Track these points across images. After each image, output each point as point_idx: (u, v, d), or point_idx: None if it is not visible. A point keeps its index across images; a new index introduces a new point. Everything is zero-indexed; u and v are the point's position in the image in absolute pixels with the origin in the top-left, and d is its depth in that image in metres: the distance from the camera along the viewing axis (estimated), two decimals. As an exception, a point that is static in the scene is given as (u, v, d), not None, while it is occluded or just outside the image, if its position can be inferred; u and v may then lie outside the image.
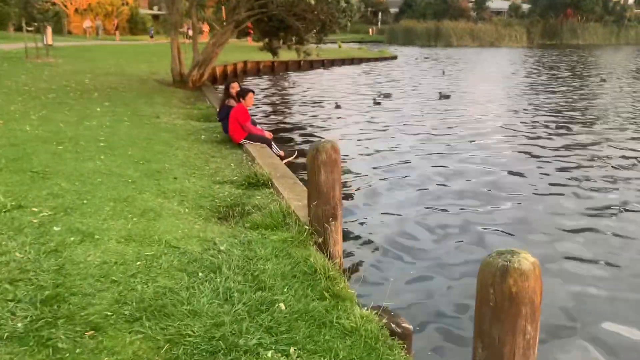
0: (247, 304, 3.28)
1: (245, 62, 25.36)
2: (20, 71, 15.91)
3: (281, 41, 16.44)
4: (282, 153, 8.24)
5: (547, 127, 12.97)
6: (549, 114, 15.14)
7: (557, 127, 12.90)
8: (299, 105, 16.60)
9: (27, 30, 19.83)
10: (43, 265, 3.59)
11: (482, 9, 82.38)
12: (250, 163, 7.06)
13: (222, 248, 4.10)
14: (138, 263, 3.76)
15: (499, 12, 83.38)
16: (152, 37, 46.99)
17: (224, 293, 3.41)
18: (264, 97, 18.23)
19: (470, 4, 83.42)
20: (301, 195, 5.50)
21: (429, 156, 9.88)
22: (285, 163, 8.14)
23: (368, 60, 35.84)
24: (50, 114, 9.18)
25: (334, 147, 4.38)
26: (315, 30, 14.73)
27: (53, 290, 3.28)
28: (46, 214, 4.50)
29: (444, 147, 10.56)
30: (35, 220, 4.33)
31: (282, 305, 3.27)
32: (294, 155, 8.52)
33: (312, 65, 29.77)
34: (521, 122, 13.63)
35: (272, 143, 8.14)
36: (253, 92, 8.01)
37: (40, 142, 6.91)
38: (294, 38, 15.82)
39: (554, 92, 20.51)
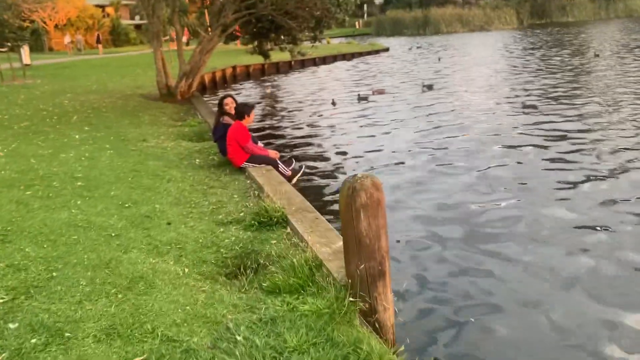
0: None
1: (234, 67, 24.23)
2: (-5, 96, 14.76)
3: (272, 42, 15.30)
4: (289, 172, 7.17)
5: (551, 108, 11.91)
6: (549, 94, 14.29)
7: (561, 107, 11.91)
8: (295, 107, 15.72)
9: (0, 52, 18.63)
10: (-13, 400, 2.50)
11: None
12: (257, 192, 5.96)
13: (239, 337, 3.01)
14: (124, 378, 2.67)
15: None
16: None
17: None
18: (257, 102, 17.12)
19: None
20: (328, 236, 4.41)
21: (447, 157, 8.79)
22: (294, 183, 7.11)
23: (360, 54, 34.80)
24: (22, 146, 8.05)
25: (375, 183, 3.30)
26: (309, 28, 13.61)
27: None
28: (1, 300, 3.40)
29: (457, 147, 9.47)
30: (-16, 314, 3.23)
31: None
32: (301, 172, 7.44)
33: (303, 64, 28.70)
34: (525, 107, 12.57)
35: (279, 162, 7.05)
36: (253, 106, 6.90)
37: (4, 188, 5.78)
38: (285, 38, 14.69)
39: (552, 73, 19.55)
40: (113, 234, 4.55)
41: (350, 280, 3.39)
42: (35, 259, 4.00)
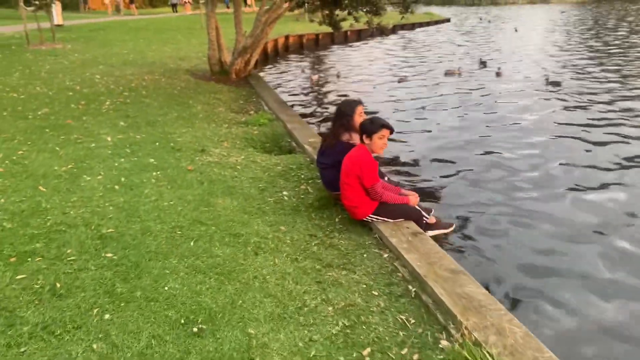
0: None
1: (286, 37, 21.47)
2: (16, 64, 12.47)
3: (346, 11, 12.46)
4: (432, 219, 4.60)
5: None
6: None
7: None
8: (361, 85, 13.55)
9: (26, 10, 16.27)
10: None
11: (525, -38, 76.11)
12: (411, 287, 3.39)
13: None
14: None
15: (542, -35, 77.03)
16: (228, 6, 38.89)
17: None
18: (308, 77, 14.46)
19: (512, -43, 77.19)
20: None
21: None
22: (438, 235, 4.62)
23: (420, 25, 31.53)
24: (32, 155, 5.64)
25: None
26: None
27: None
28: None
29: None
30: None
31: None
32: (452, 228, 4.83)
33: (359, 35, 25.73)
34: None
35: (421, 211, 4.46)
36: (389, 128, 4.23)
37: (-18, 262, 3.35)
38: (366, 7, 11.89)
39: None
40: None
41: None
42: None
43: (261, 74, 14.50)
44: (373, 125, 4.18)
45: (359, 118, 4.58)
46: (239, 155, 6.01)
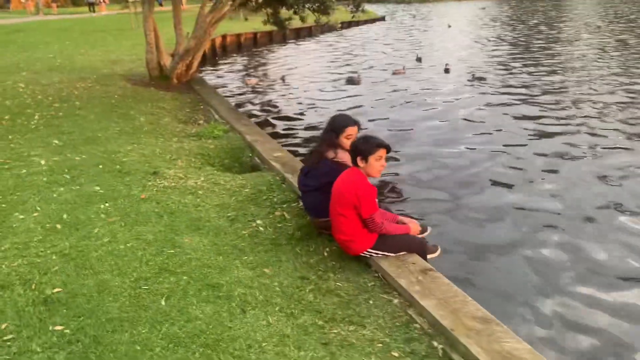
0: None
1: (224, 37, 20.57)
2: None
3: (292, 10, 11.81)
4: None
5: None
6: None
7: None
8: (308, 87, 12.98)
9: None
10: None
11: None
12: (437, 345, 2.85)
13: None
14: None
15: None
16: (161, 4, 37.08)
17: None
18: (245, 81, 13.76)
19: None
20: None
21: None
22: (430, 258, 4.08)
23: (357, 23, 31.31)
24: (-53, 188, 4.70)
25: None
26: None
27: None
28: None
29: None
30: None
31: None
32: (438, 251, 4.24)
33: (299, 34, 25.18)
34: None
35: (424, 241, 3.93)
36: (386, 147, 3.65)
37: None
38: (312, 5, 11.30)
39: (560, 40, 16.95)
40: None
41: None
42: None
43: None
44: (368, 146, 3.59)
45: (345, 140, 3.98)
46: (198, 177, 5.28)
